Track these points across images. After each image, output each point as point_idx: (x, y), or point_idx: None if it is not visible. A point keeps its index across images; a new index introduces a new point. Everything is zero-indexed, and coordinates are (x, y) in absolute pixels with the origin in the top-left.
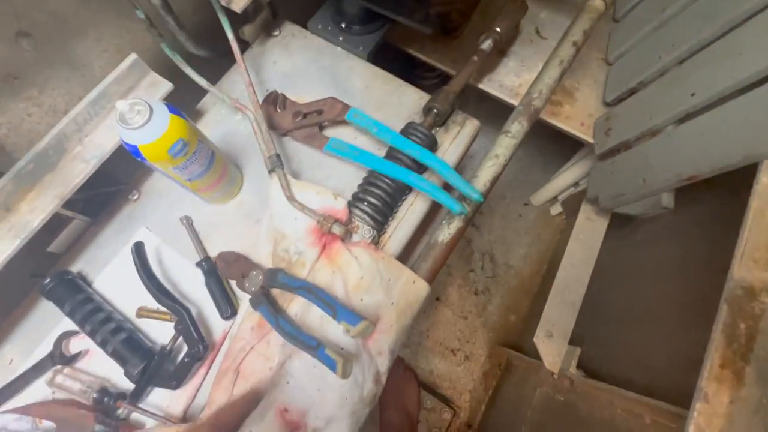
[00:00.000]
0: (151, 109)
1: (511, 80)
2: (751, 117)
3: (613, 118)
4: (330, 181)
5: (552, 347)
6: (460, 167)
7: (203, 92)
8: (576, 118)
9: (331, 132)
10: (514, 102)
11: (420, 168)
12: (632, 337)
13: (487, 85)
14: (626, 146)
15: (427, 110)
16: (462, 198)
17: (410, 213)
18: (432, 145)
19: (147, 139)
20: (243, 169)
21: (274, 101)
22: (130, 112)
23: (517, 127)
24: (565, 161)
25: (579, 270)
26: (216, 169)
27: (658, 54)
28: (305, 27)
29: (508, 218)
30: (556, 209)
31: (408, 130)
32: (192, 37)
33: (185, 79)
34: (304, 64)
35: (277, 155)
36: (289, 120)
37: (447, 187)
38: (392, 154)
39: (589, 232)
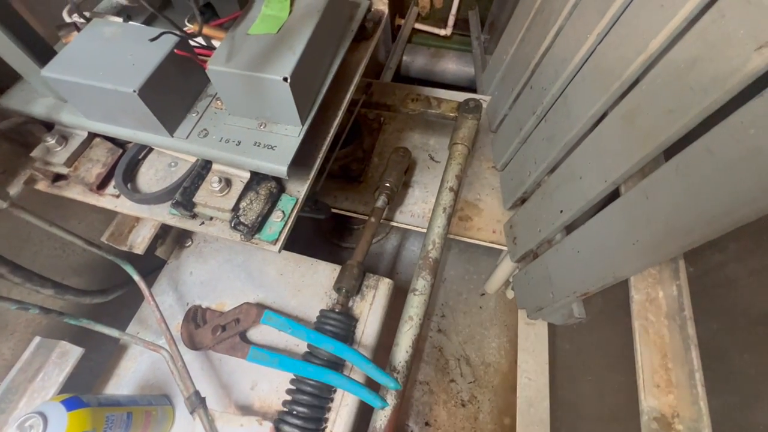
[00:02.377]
0: (45, 419)
1: (420, 208)
2: (607, 236)
3: (515, 226)
4: (261, 385)
5: None
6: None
7: (128, 324)
8: (487, 228)
9: (255, 332)
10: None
11: (342, 359)
12: None
13: (400, 218)
14: (534, 254)
15: (337, 289)
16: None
17: (344, 405)
18: (349, 326)
19: None
20: (174, 398)
21: (194, 317)
22: None
23: (422, 283)
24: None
25: (537, 382)
26: (137, 424)
27: (528, 170)
28: None
29: (470, 314)
30: (511, 293)
31: (321, 320)
32: (98, 292)
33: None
34: (219, 267)
35: (196, 393)
36: (209, 336)
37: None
38: (311, 351)
39: (532, 337)
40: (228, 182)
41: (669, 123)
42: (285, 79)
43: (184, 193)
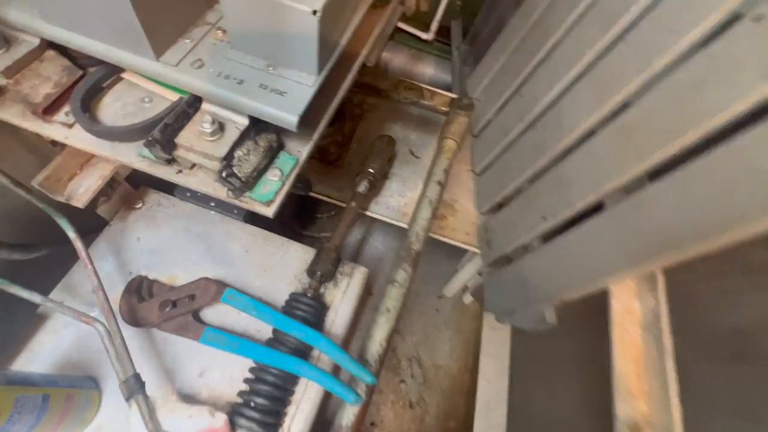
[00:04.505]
0: None
1: (396, 201)
2: (594, 245)
3: (491, 230)
4: (212, 373)
5: None
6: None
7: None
8: (461, 229)
9: (210, 312)
10: (403, 223)
11: (309, 346)
12: None
13: (375, 210)
14: (508, 260)
15: (311, 273)
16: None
17: (306, 398)
18: (320, 313)
19: None
20: (101, 381)
21: (138, 289)
22: None
23: (403, 275)
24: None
25: (496, 386)
26: (54, 410)
27: (511, 175)
28: (172, 194)
29: (426, 315)
30: (468, 298)
31: (291, 305)
32: (17, 246)
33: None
34: (174, 235)
35: (136, 376)
36: (155, 312)
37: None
38: (277, 337)
39: (496, 343)
40: (221, 126)
41: (667, 141)
42: (314, 12)
43: (164, 130)
